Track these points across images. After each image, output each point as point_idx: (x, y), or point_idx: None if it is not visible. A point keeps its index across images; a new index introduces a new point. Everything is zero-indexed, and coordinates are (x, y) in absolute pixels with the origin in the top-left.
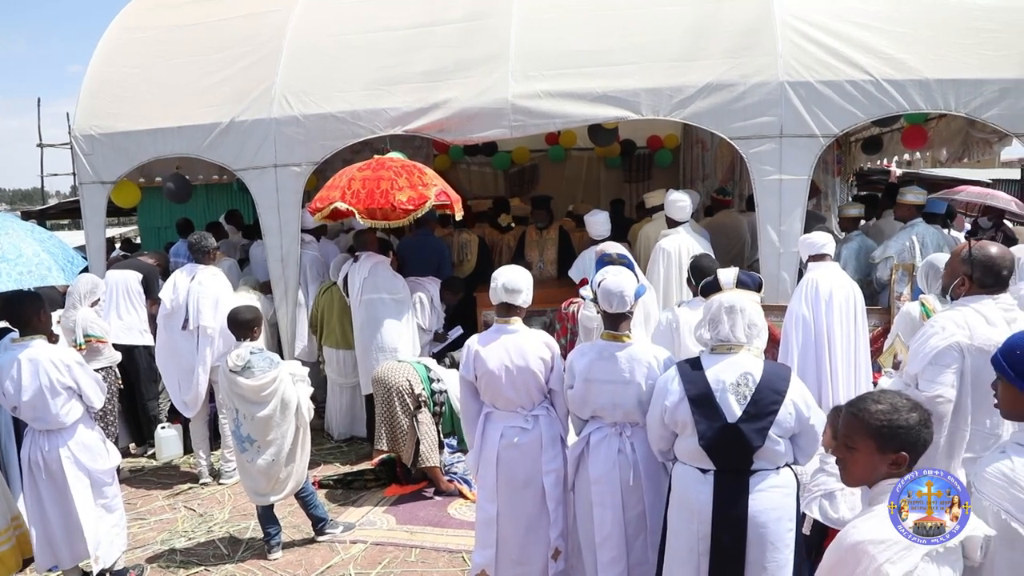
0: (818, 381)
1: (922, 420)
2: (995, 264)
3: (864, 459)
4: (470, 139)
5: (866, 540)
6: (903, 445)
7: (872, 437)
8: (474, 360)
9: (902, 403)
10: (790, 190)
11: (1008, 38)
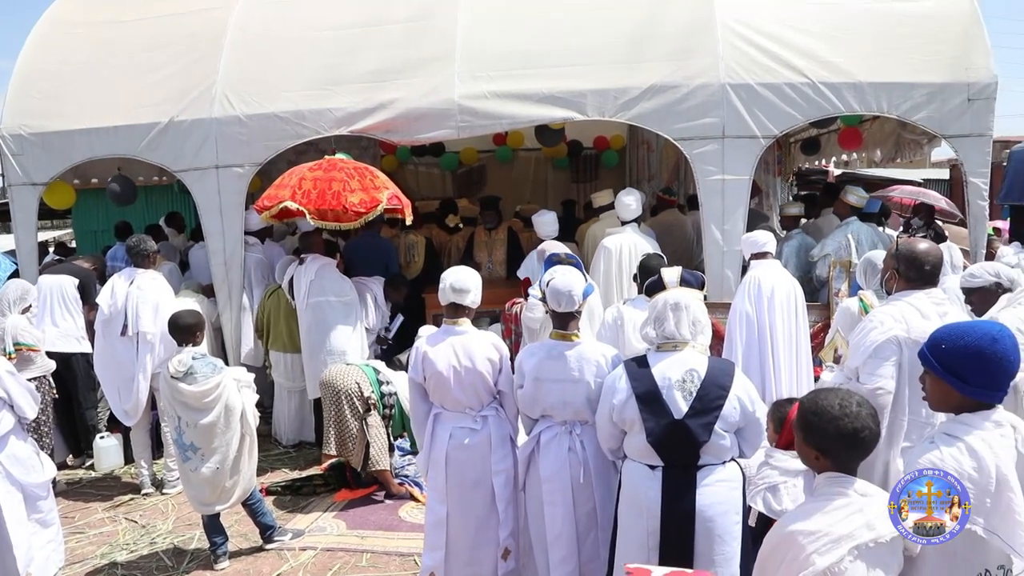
0: (762, 376)
1: (854, 431)
2: (919, 259)
3: (799, 447)
4: (417, 140)
5: (797, 530)
6: (821, 444)
7: (800, 426)
8: (422, 361)
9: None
10: (733, 190)
11: (935, 45)
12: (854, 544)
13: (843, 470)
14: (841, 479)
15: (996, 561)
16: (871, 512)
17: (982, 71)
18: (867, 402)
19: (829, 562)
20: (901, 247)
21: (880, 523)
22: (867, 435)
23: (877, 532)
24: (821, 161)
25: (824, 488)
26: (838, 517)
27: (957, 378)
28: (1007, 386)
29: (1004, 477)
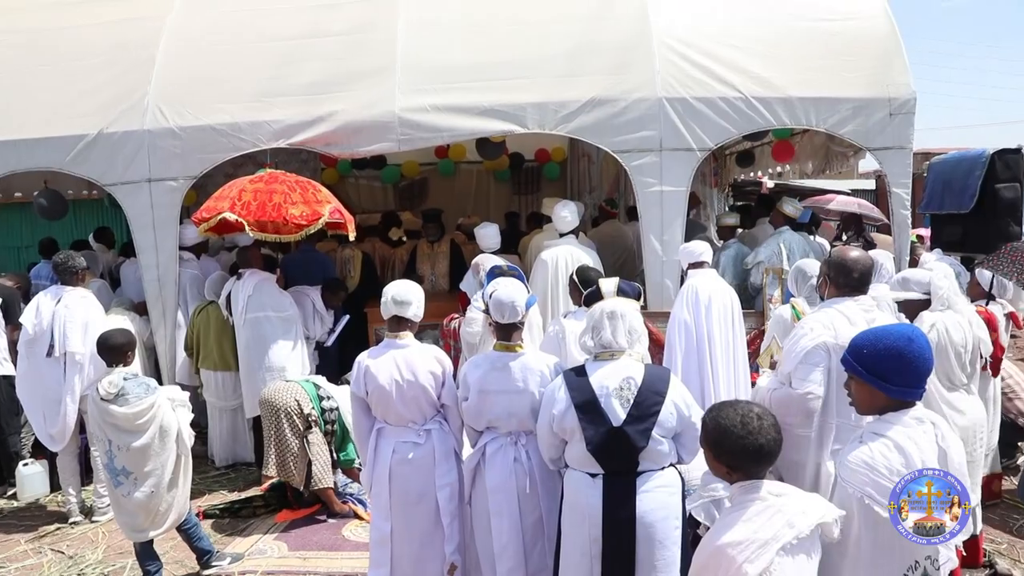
0: (701, 382)
1: (758, 448)
2: (848, 266)
3: (709, 462)
4: (357, 152)
5: (725, 543)
6: (727, 459)
7: (706, 442)
8: (364, 376)
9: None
10: (671, 201)
11: (858, 62)
12: (780, 545)
13: (752, 478)
14: (752, 485)
15: (925, 552)
16: (789, 511)
17: (902, 87)
18: (767, 413)
19: (761, 567)
20: (833, 255)
21: (798, 520)
22: (772, 447)
23: (798, 529)
24: (756, 173)
25: (740, 497)
26: (760, 523)
27: (881, 380)
28: (924, 384)
29: None
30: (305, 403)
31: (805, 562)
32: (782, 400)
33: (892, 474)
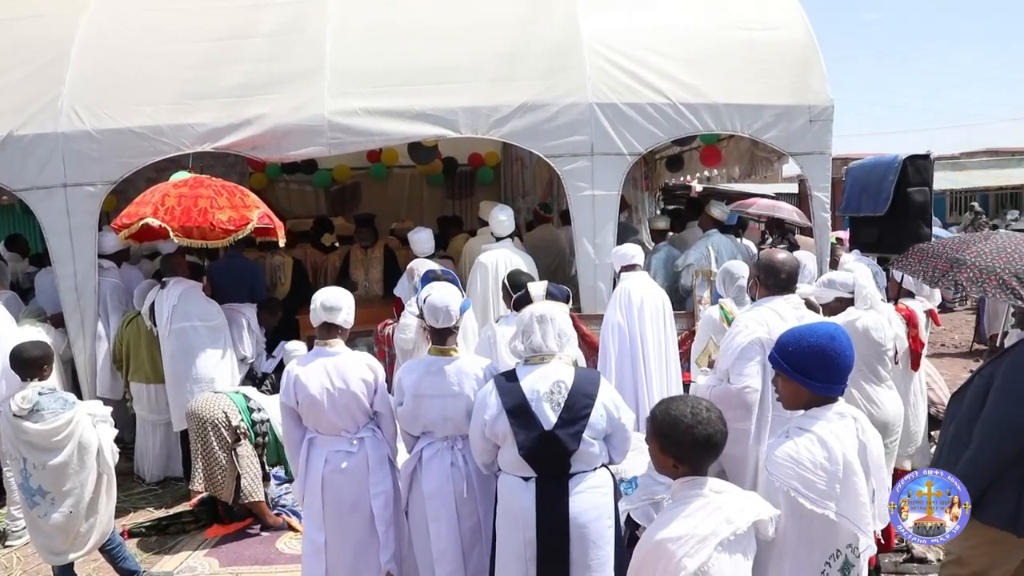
0: (634, 383)
1: (695, 424)
2: (775, 267)
3: (656, 457)
4: (286, 157)
5: (665, 538)
6: (674, 450)
7: (653, 437)
8: (294, 385)
9: (678, 411)
10: (602, 205)
11: (781, 70)
12: (718, 540)
13: (698, 472)
14: (695, 481)
15: (846, 541)
16: (728, 508)
17: (820, 95)
18: (714, 406)
19: (699, 563)
20: (761, 258)
21: (737, 516)
22: (719, 438)
23: (735, 525)
24: (685, 177)
25: (681, 493)
26: (699, 518)
27: (805, 376)
28: (846, 379)
29: (849, 464)
30: (233, 415)
31: (741, 559)
32: (721, 396)
33: (816, 468)
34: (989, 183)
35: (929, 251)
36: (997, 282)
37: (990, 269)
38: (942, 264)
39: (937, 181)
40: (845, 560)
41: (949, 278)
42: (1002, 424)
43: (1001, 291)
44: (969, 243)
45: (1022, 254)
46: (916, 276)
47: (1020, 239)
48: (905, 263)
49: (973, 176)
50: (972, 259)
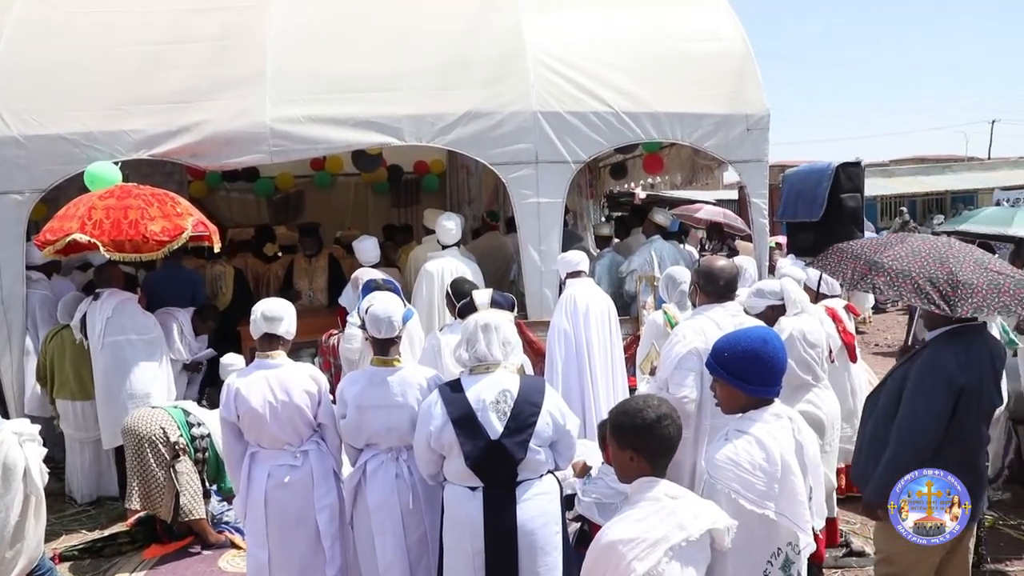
0: (581, 388)
1: (657, 418)
2: (714, 274)
3: (614, 455)
4: (227, 164)
5: (616, 539)
6: (633, 442)
7: (612, 434)
8: (235, 398)
9: (639, 405)
10: (547, 212)
11: (719, 80)
12: (669, 546)
13: (654, 470)
14: (651, 483)
15: (786, 539)
16: (681, 513)
17: (757, 104)
18: (667, 402)
19: (648, 566)
20: (701, 264)
21: (690, 523)
22: (671, 425)
23: (688, 532)
24: (629, 184)
25: (637, 495)
26: (652, 522)
27: (741, 380)
28: (780, 382)
29: (787, 464)
30: (172, 431)
31: (693, 567)
32: None
33: (755, 469)
34: (916, 189)
35: (849, 252)
36: (912, 286)
37: (905, 273)
38: (861, 267)
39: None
40: (786, 558)
41: (867, 281)
42: (916, 426)
43: (915, 295)
44: (886, 245)
45: (936, 257)
46: (836, 277)
47: (934, 242)
48: (825, 263)
49: (902, 183)
50: (889, 262)
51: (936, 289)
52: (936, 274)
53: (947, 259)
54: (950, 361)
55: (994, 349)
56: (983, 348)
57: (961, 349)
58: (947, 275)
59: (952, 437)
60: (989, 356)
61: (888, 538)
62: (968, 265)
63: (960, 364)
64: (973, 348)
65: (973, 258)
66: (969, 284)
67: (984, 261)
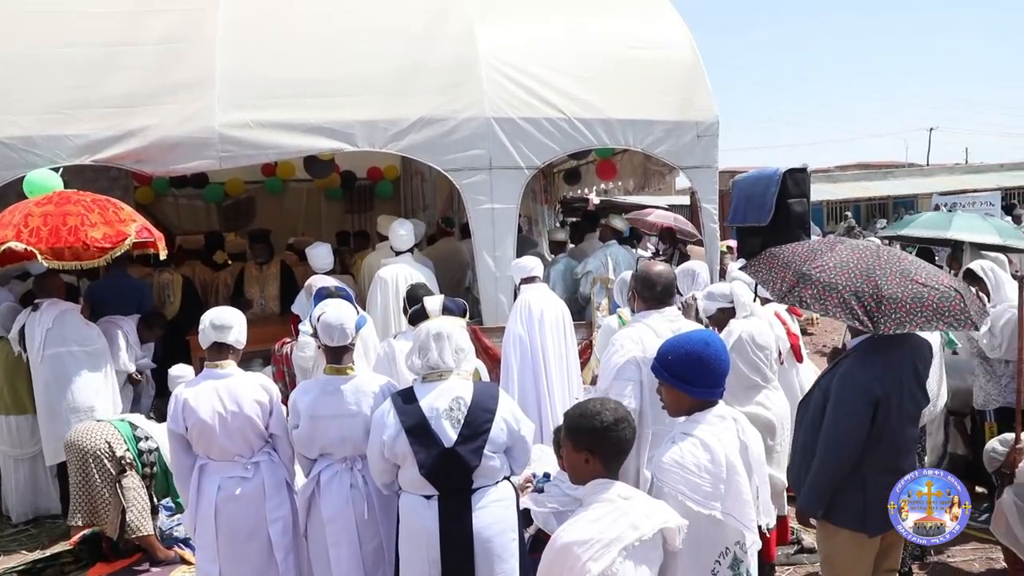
0: (536, 393)
1: (614, 421)
2: (651, 280)
3: (568, 457)
4: (174, 170)
5: (571, 541)
6: (589, 444)
7: (567, 435)
8: (183, 410)
9: (595, 407)
10: (502, 218)
11: (669, 87)
12: (623, 545)
13: (608, 472)
14: (605, 484)
15: (734, 539)
16: (634, 513)
17: (706, 111)
18: (623, 405)
19: (603, 566)
20: (639, 270)
21: (642, 522)
22: (627, 428)
23: (641, 531)
24: (583, 190)
25: (591, 497)
26: (606, 523)
27: (685, 383)
28: (724, 383)
29: (732, 464)
30: (118, 445)
31: (646, 567)
32: None
33: (700, 470)
34: (860, 194)
35: (779, 259)
36: (838, 300)
37: (832, 286)
38: (789, 277)
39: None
40: (734, 557)
41: (795, 294)
42: (838, 440)
43: (841, 310)
44: (816, 253)
45: (862, 270)
46: (766, 288)
47: (863, 251)
48: (756, 269)
49: (846, 188)
50: (816, 274)
51: (861, 304)
52: (862, 288)
53: (874, 271)
54: (867, 374)
55: (916, 354)
56: (903, 355)
57: (878, 361)
58: (873, 289)
59: (875, 441)
60: (910, 362)
61: (825, 540)
62: (894, 278)
63: (876, 376)
64: (892, 357)
65: (899, 269)
66: (894, 299)
67: (910, 272)
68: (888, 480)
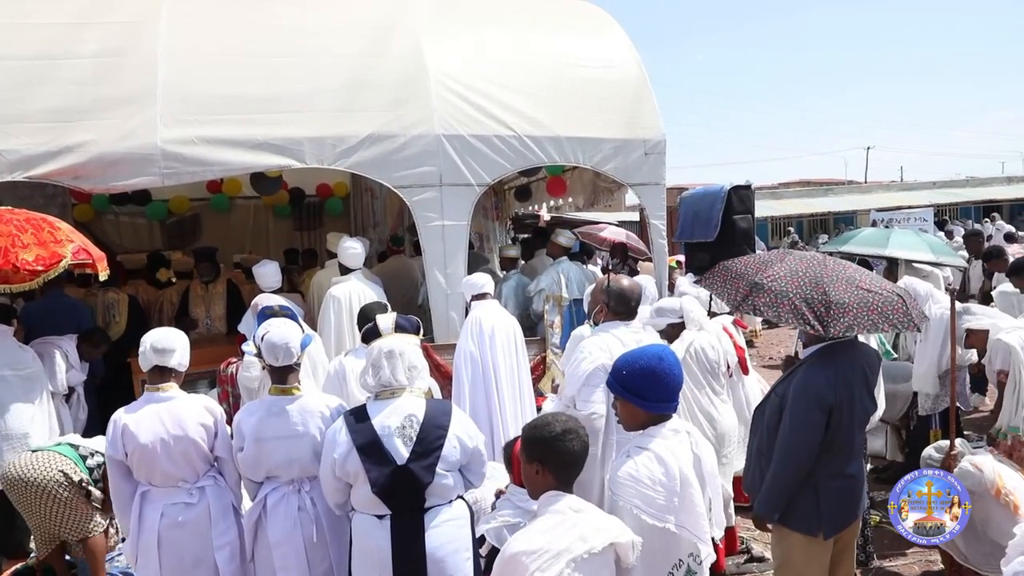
0: (488, 410)
1: (562, 432)
2: (626, 294)
3: (523, 469)
4: (114, 187)
5: (520, 551)
6: (539, 454)
7: (522, 448)
8: (122, 435)
9: (547, 419)
10: (452, 235)
11: (617, 106)
12: (571, 557)
13: (559, 484)
14: (556, 497)
15: (687, 550)
16: (584, 526)
17: (653, 129)
18: (575, 419)
19: None
20: (612, 284)
21: (592, 536)
22: (575, 439)
23: (590, 544)
24: (534, 206)
25: (542, 508)
26: (555, 535)
27: (639, 397)
28: (677, 398)
29: (686, 477)
30: (72, 471)
31: None
32: None
33: (655, 484)
34: (803, 211)
35: (732, 271)
36: (790, 307)
37: (783, 293)
38: (743, 288)
39: (759, 209)
40: (688, 569)
41: (749, 303)
42: (795, 447)
43: (793, 316)
44: (767, 264)
45: (811, 278)
46: (721, 298)
47: (810, 261)
48: (711, 282)
49: (789, 204)
50: (768, 283)
51: (811, 310)
52: (812, 295)
53: (822, 279)
54: (820, 383)
55: (866, 361)
56: (853, 364)
57: (831, 368)
58: (821, 295)
59: (827, 446)
60: (860, 370)
61: (779, 544)
62: (841, 285)
63: (830, 383)
64: (843, 366)
65: (845, 276)
66: (841, 304)
67: (855, 279)
68: (839, 484)
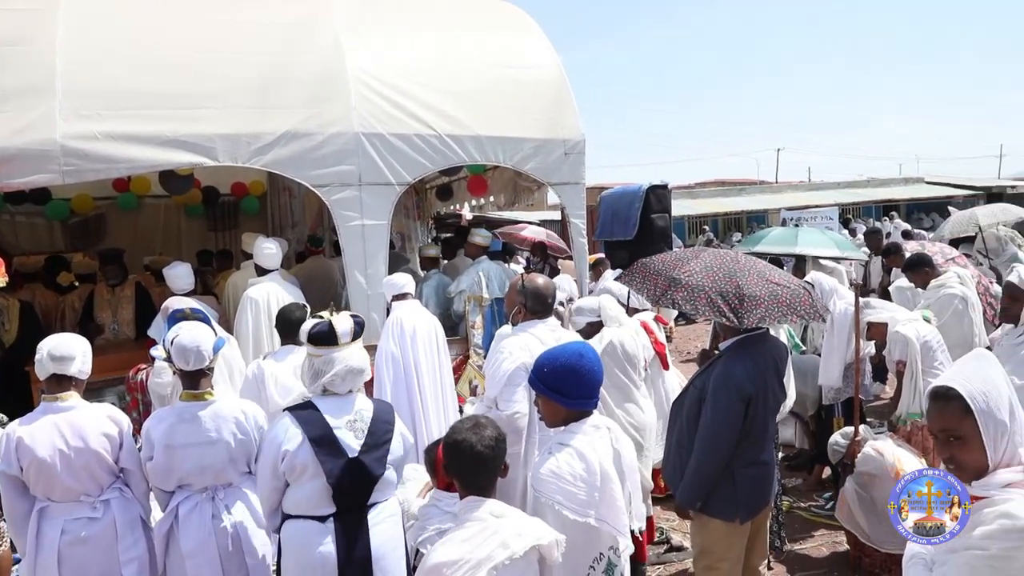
0: (411, 410)
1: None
2: (542, 293)
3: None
4: (8, 185)
5: (440, 562)
6: (447, 462)
7: (444, 454)
8: (16, 449)
9: (460, 424)
10: (372, 235)
11: (537, 106)
12: (492, 565)
13: (478, 491)
14: (476, 503)
15: (608, 544)
16: (505, 532)
17: (572, 130)
18: (493, 423)
19: None
20: (527, 284)
21: (513, 541)
22: (488, 453)
23: (512, 550)
24: (456, 206)
25: (463, 515)
26: (476, 543)
27: (560, 394)
28: (598, 394)
29: (606, 472)
30: None
31: None
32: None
33: (576, 480)
34: (717, 210)
35: (651, 268)
36: (706, 300)
37: (700, 288)
38: (662, 283)
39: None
40: (608, 562)
41: (668, 297)
42: (716, 438)
43: (710, 309)
44: (683, 261)
45: (725, 273)
46: (641, 294)
47: (724, 257)
48: (631, 279)
49: (705, 204)
50: (686, 278)
51: (726, 303)
52: (726, 288)
53: (735, 274)
54: (739, 373)
55: (776, 353)
56: (767, 355)
57: (748, 360)
58: (735, 289)
59: (744, 435)
60: (773, 362)
61: (699, 531)
62: (753, 279)
63: (748, 375)
64: (758, 358)
65: (757, 271)
66: (754, 297)
67: (766, 273)
68: (754, 472)
